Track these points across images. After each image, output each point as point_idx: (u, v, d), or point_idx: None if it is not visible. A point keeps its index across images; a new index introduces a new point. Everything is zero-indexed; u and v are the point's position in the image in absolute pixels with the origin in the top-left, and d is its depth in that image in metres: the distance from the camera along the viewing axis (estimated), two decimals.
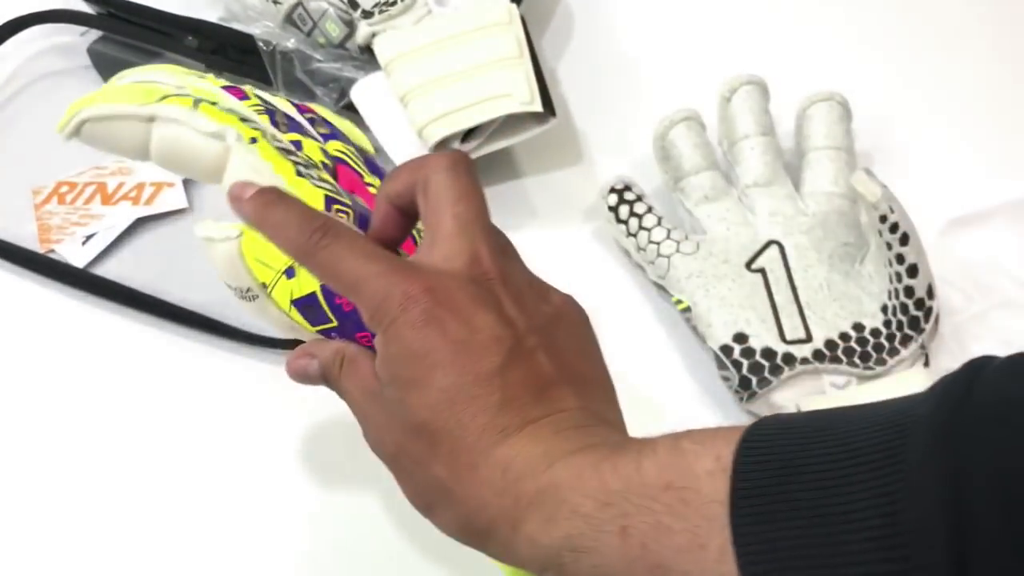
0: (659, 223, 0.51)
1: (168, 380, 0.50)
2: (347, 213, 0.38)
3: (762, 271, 0.49)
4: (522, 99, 0.52)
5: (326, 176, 0.39)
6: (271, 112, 0.40)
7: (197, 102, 0.38)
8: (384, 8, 0.55)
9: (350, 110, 0.55)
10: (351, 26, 0.55)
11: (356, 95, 0.55)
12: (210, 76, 0.42)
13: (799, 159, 0.53)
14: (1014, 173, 0.56)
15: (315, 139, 0.43)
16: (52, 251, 0.54)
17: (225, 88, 0.40)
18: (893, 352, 0.47)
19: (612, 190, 0.52)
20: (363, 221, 0.38)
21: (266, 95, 0.43)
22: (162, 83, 0.39)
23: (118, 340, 0.51)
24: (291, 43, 0.55)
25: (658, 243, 0.50)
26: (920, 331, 0.47)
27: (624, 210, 0.51)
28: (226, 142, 0.36)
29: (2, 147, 0.59)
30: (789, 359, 0.47)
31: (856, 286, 0.49)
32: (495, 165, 0.57)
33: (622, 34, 0.65)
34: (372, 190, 0.43)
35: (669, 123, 0.53)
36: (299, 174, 0.37)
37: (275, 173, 0.36)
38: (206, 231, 0.38)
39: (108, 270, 0.54)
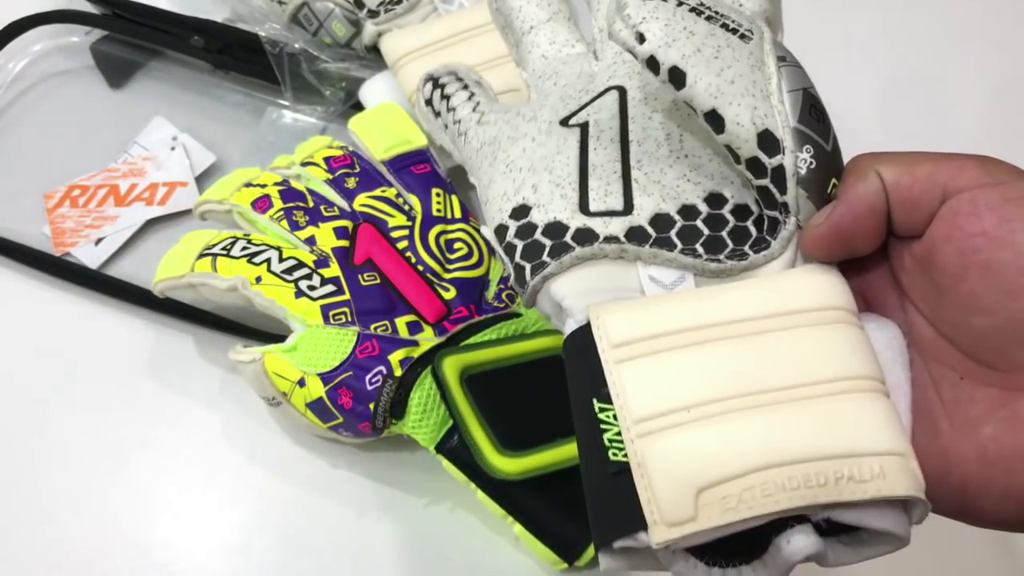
0: (469, 99, 0.39)
1: (183, 378, 0.51)
2: (344, 314, 0.45)
3: (583, 126, 0.35)
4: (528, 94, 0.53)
5: (332, 271, 0.46)
6: (289, 213, 0.48)
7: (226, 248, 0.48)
8: (390, 7, 0.55)
9: (358, 110, 0.56)
10: (357, 26, 0.55)
11: (364, 94, 0.56)
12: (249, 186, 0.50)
13: None
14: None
15: (334, 214, 0.49)
16: (68, 254, 0.54)
17: (253, 203, 0.49)
18: (760, 244, 0.32)
19: (428, 79, 0.40)
20: (365, 310, 0.45)
21: (299, 170, 0.51)
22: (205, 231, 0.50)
23: (132, 340, 0.52)
24: (297, 44, 0.56)
25: (459, 121, 0.38)
26: (782, 208, 0.32)
27: (437, 98, 0.39)
28: (239, 291, 0.46)
29: (9, 148, 0.59)
30: (586, 236, 0.33)
31: (714, 143, 0.34)
32: None
33: None
34: (394, 222, 0.49)
35: None
36: (298, 295, 0.46)
37: (279, 305, 0.45)
38: (237, 356, 0.46)
39: (122, 270, 0.54)
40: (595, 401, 0.30)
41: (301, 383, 0.44)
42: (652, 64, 0.31)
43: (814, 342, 0.30)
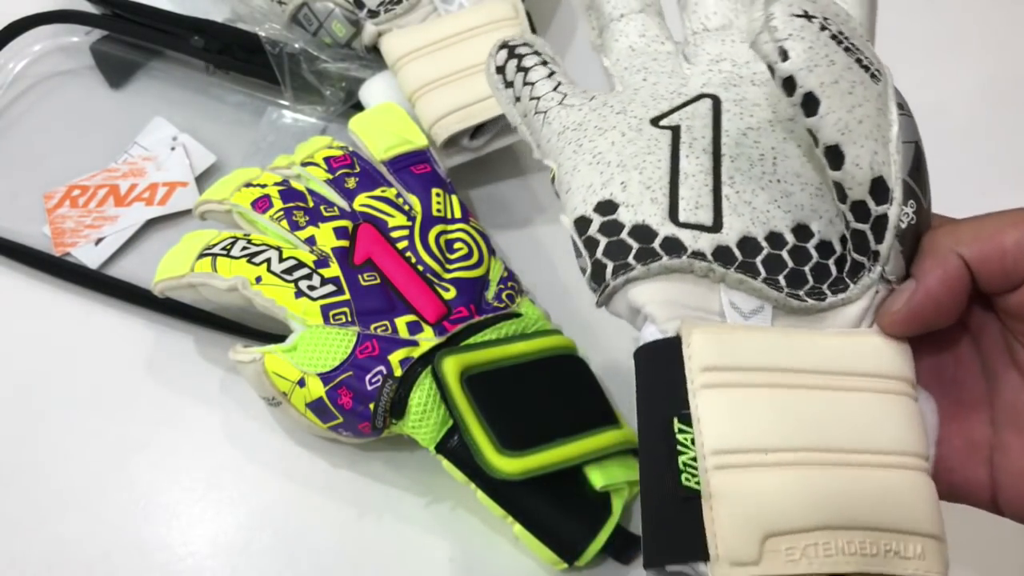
0: (549, 76, 0.37)
1: (183, 378, 0.51)
2: (344, 314, 0.45)
3: (675, 129, 0.34)
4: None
5: (332, 271, 0.46)
6: (289, 213, 0.48)
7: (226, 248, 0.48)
8: (390, 7, 0.55)
9: (358, 110, 0.56)
10: (357, 26, 0.55)
11: (364, 95, 0.56)
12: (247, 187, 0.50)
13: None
14: (1016, 176, 0.57)
15: (334, 214, 0.49)
16: (68, 254, 0.54)
17: (253, 203, 0.49)
18: (839, 285, 0.32)
19: (503, 46, 0.38)
20: (365, 310, 0.45)
21: (299, 170, 0.51)
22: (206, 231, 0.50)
23: (133, 340, 0.52)
24: (297, 44, 0.56)
25: (538, 98, 0.36)
26: (871, 256, 0.31)
27: (512, 68, 0.37)
28: (239, 291, 0.46)
29: (9, 148, 0.59)
30: (674, 246, 0.32)
31: (810, 172, 0.34)
32: (502, 161, 0.57)
33: None
34: (394, 222, 0.49)
35: None
36: (298, 295, 0.46)
37: (279, 305, 0.46)
38: (237, 356, 0.46)
39: (122, 270, 0.54)
40: (676, 421, 0.29)
41: (301, 383, 0.44)
42: (788, 84, 0.30)
43: (882, 411, 0.30)
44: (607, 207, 0.33)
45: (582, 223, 0.33)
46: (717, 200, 0.33)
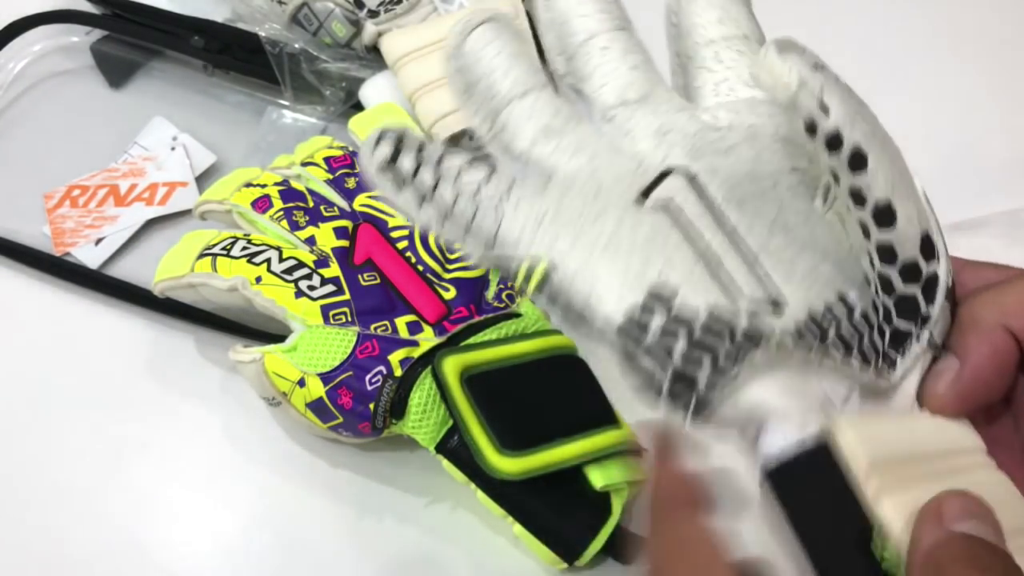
0: (470, 163, 0.31)
1: (183, 378, 0.51)
2: (344, 314, 0.45)
3: (666, 208, 0.29)
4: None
5: (332, 271, 0.46)
6: (289, 213, 0.48)
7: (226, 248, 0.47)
8: (390, 7, 0.55)
9: (358, 110, 0.56)
10: (357, 26, 0.55)
11: (364, 94, 0.56)
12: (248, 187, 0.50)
13: (680, 69, 0.34)
14: (1010, 180, 0.57)
15: (334, 214, 0.49)
16: (68, 254, 0.54)
17: (253, 203, 0.49)
18: (887, 359, 0.28)
19: (380, 139, 0.30)
20: (365, 310, 0.45)
21: (299, 170, 0.50)
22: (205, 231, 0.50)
23: (133, 340, 0.52)
24: (297, 44, 0.56)
25: (473, 191, 0.30)
26: (921, 320, 0.28)
27: (408, 162, 0.30)
28: (239, 291, 0.46)
29: (9, 148, 0.59)
30: (756, 333, 0.27)
31: (827, 234, 0.30)
32: None
33: None
34: (394, 222, 0.49)
35: (463, 29, 0.33)
36: (298, 295, 0.46)
37: (279, 305, 0.46)
38: (237, 356, 0.46)
39: (122, 270, 0.54)
40: (874, 535, 0.25)
41: (301, 383, 0.44)
42: (834, 142, 0.27)
43: (1006, 487, 0.28)
44: (660, 297, 0.27)
45: (634, 328, 0.27)
46: (758, 277, 0.28)
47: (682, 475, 0.27)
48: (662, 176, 0.30)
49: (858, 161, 0.27)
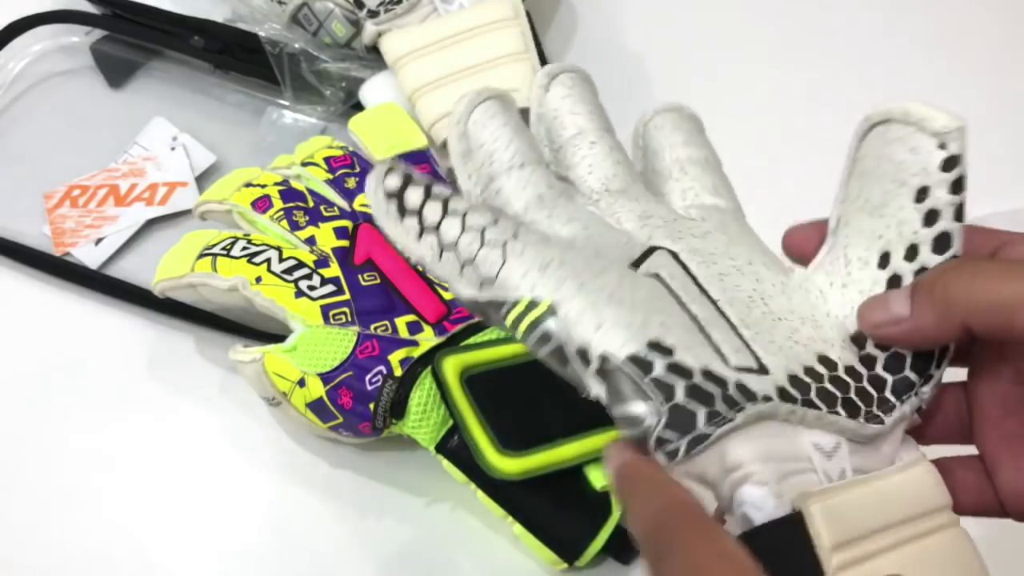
0: (476, 208, 0.32)
1: (183, 378, 0.51)
2: (344, 314, 0.45)
3: (657, 276, 0.32)
4: (529, 94, 0.53)
5: (332, 271, 0.47)
6: (289, 213, 0.48)
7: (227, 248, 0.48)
8: (390, 7, 0.55)
9: (358, 110, 0.56)
10: (357, 26, 0.55)
11: (364, 94, 0.56)
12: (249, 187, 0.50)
13: (647, 184, 0.37)
14: (1010, 180, 0.57)
15: (334, 214, 0.49)
16: (68, 254, 0.54)
17: (253, 203, 0.49)
18: (885, 405, 0.30)
19: (391, 170, 0.32)
20: (365, 310, 0.45)
21: (299, 170, 0.51)
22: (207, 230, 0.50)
23: (133, 340, 0.52)
24: (297, 44, 0.56)
25: (479, 230, 0.31)
26: (925, 379, 0.31)
27: (415, 196, 0.32)
28: (240, 291, 0.46)
29: (8, 148, 0.59)
30: (746, 391, 0.29)
31: (804, 301, 0.33)
32: None
33: (627, 29, 0.65)
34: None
35: (474, 100, 0.35)
36: (298, 295, 0.46)
37: (279, 305, 0.46)
38: (237, 356, 0.46)
39: (122, 270, 0.54)
40: None
41: (301, 383, 0.44)
42: (949, 163, 0.31)
43: (964, 551, 0.29)
44: (660, 348, 0.29)
45: (639, 363, 0.29)
46: (744, 343, 0.30)
47: (687, 491, 0.28)
48: (649, 251, 0.33)
49: (959, 213, 0.31)
